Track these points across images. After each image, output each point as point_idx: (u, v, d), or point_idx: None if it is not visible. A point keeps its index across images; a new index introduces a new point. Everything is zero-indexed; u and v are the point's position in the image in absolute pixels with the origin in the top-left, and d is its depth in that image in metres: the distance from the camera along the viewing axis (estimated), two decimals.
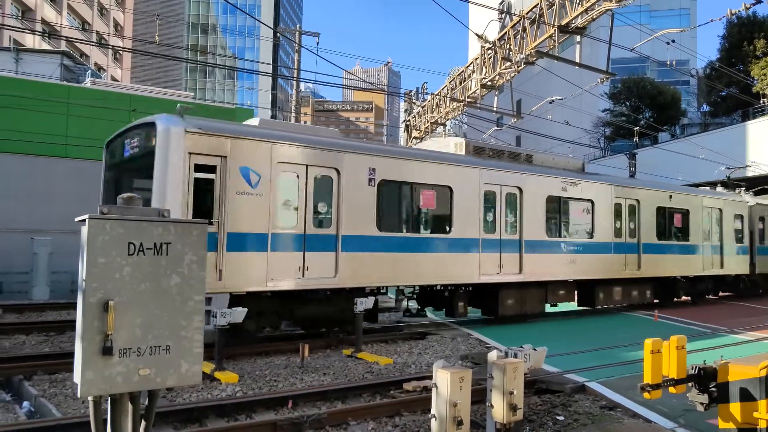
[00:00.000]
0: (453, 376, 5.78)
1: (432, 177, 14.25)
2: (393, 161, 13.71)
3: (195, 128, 10.86)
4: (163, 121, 10.80)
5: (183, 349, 3.83)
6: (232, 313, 10.06)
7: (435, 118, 29.74)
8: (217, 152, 11.06)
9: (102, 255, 3.58)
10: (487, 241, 15.13)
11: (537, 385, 9.32)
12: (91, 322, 3.52)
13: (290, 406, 8.11)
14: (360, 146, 13.68)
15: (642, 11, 61.96)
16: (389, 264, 13.31)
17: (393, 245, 13.43)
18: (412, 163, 14.11)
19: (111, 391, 3.59)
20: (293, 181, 12.05)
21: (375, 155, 13.43)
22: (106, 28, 65.64)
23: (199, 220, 4.05)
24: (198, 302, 3.93)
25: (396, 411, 8.07)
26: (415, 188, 14.07)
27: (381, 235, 13.19)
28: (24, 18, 49.98)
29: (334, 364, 11.07)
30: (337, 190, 12.61)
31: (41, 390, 8.73)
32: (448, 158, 14.95)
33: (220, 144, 11.08)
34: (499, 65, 21.85)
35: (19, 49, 33.35)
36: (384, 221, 13.38)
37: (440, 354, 12.18)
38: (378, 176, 13.26)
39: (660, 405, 7.88)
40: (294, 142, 12.15)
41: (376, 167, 13.24)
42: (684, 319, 17.81)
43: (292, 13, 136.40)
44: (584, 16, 17.76)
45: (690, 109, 60.01)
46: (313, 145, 12.39)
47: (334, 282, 12.43)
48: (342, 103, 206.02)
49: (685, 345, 5.61)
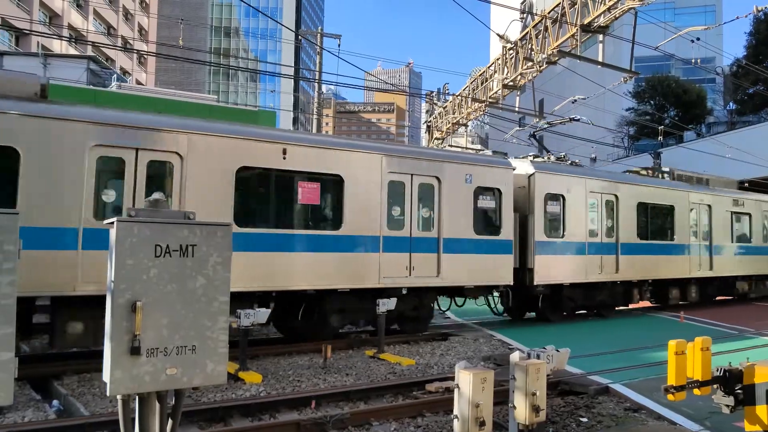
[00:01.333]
0: (475, 377, 5.79)
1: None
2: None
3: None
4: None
5: (208, 349, 3.90)
6: (256, 314, 10.15)
7: (456, 118, 29.69)
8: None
9: (130, 257, 3.66)
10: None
11: (560, 387, 9.28)
12: (120, 323, 3.60)
13: (313, 406, 8.17)
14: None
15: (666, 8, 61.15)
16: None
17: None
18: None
19: (139, 390, 3.67)
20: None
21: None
22: (131, 32, 66.55)
23: (222, 222, 4.12)
24: (223, 303, 4.00)
25: (418, 412, 8.09)
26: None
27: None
28: (51, 24, 50.86)
29: (357, 364, 11.11)
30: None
31: (70, 389, 8.90)
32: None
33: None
34: (521, 65, 21.76)
35: (47, 55, 33.94)
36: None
37: (463, 355, 12.17)
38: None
39: (685, 407, 7.80)
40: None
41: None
42: (710, 320, 17.57)
43: (314, 15, 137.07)
44: (607, 14, 17.62)
45: (716, 108, 59.16)
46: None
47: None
48: (363, 105, 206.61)
49: (710, 346, 5.56)
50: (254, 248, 11.38)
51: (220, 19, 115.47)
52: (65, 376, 9.68)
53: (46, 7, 50.42)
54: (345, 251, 12.56)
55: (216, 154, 11.09)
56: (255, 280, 11.38)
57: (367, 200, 12.87)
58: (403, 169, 13.49)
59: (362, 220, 12.80)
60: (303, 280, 12.00)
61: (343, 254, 12.54)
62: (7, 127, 9.35)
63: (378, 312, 12.08)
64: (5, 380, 3.39)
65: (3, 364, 3.37)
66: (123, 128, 10.30)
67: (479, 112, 28.40)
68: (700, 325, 16.64)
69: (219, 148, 11.14)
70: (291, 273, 11.86)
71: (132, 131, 10.34)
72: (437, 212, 13.96)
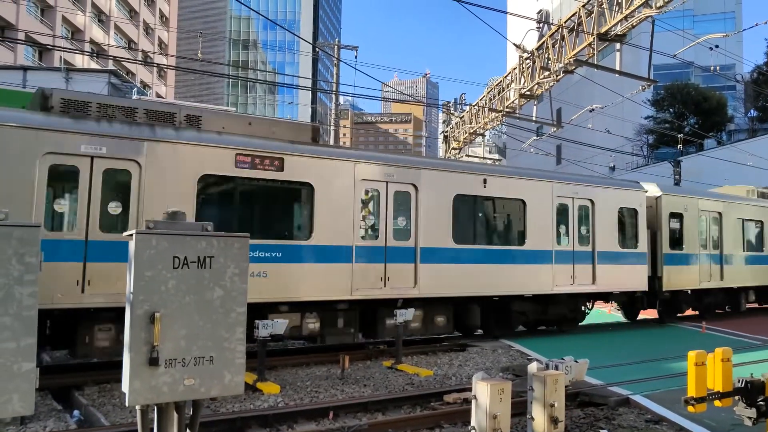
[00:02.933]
0: (492, 388, 5.76)
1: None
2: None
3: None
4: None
5: (226, 360, 3.93)
6: (274, 324, 10.19)
7: (473, 128, 29.65)
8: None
9: (148, 268, 3.71)
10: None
11: (580, 398, 9.18)
12: (138, 333, 3.65)
13: (331, 417, 8.17)
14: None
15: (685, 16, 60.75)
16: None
17: None
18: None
19: (157, 401, 3.71)
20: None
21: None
22: (151, 46, 67.51)
23: (239, 234, 4.16)
24: (240, 314, 4.03)
25: (436, 423, 8.05)
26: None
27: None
28: (73, 38, 51.77)
29: (375, 375, 11.09)
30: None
31: (90, 399, 8.99)
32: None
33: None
34: (538, 74, 21.70)
35: (69, 69, 34.52)
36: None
37: (481, 366, 12.10)
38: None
39: (707, 419, 7.68)
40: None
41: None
42: (732, 330, 17.31)
43: (331, 27, 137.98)
44: (624, 23, 17.53)
45: (737, 115, 58.55)
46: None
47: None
48: (381, 116, 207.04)
49: (731, 357, 5.49)
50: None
51: (239, 32, 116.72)
52: (86, 386, 9.78)
53: (69, 22, 51.35)
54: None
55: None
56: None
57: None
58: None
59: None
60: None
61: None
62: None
63: (396, 322, 12.08)
64: (27, 390, 3.45)
65: (25, 374, 3.42)
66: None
67: (496, 121, 28.35)
68: (721, 335, 16.40)
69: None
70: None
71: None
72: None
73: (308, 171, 12.05)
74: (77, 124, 9.99)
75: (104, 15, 57.69)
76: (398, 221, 13.32)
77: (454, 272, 13.83)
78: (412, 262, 13.26)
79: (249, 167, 11.39)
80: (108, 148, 10.10)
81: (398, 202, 13.36)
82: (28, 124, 9.64)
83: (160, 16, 71.14)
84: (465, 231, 14.31)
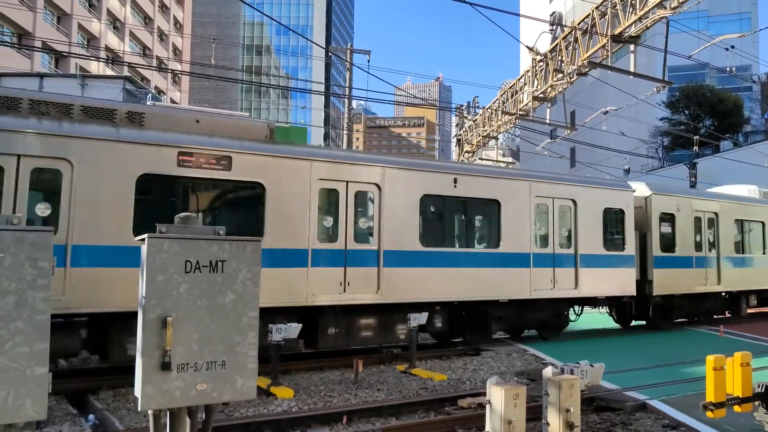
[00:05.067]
0: (507, 392, 5.70)
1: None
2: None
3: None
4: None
5: (238, 365, 3.92)
6: (287, 328, 10.18)
7: (487, 131, 29.58)
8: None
9: (160, 272, 3.70)
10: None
11: (596, 403, 9.09)
12: (151, 338, 3.64)
13: (345, 421, 8.14)
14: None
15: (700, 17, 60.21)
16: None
17: None
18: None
19: (169, 405, 3.70)
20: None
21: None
22: (165, 52, 68.06)
23: (252, 237, 4.15)
24: (252, 318, 4.02)
25: (451, 428, 8.00)
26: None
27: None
28: (89, 45, 52.31)
29: (388, 379, 11.05)
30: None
31: (105, 403, 9.03)
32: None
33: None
34: (551, 77, 21.60)
35: (85, 76, 34.85)
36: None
37: (495, 370, 12.02)
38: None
39: (726, 424, 7.55)
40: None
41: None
42: (752, 334, 17.08)
43: (344, 31, 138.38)
44: (638, 24, 17.42)
45: (753, 116, 57.92)
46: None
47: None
48: (393, 119, 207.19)
49: (750, 362, 5.39)
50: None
51: (252, 37, 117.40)
52: (101, 390, 9.83)
53: (85, 29, 51.92)
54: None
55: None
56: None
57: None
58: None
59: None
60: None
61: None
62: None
63: (409, 327, 12.01)
64: (40, 395, 3.45)
65: (38, 379, 3.42)
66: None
67: (509, 124, 28.25)
68: (740, 339, 16.18)
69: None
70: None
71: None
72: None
73: (259, 170, 11.38)
74: (1, 120, 9.43)
75: (119, 22, 58.28)
76: (360, 223, 12.67)
77: (421, 276, 13.21)
78: (375, 265, 12.66)
79: (193, 166, 10.78)
80: (36, 146, 9.55)
81: (360, 202, 12.71)
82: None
83: (174, 23, 71.71)
84: (434, 233, 13.74)
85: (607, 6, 18.36)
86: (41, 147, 9.58)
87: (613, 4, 18.07)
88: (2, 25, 41.94)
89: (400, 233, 12.96)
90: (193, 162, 10.79)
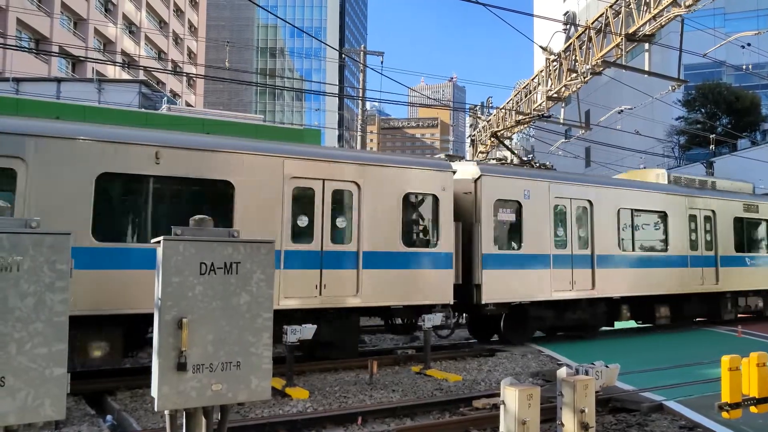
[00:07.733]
0: (521, 393, 5.70)
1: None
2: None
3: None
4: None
5: (253, 365, 3.95)
6: (302, 330, 10.22)
7: (501, 131, 29.49)
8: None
9: (176, 274, 3.75)
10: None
11: (611, 404, 9.05)
12: (167, 339, 3.69)
13: (360, 422, 8.16)
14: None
15: (716, 14, 59.59)
16: None
17: None
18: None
19: (185, 406, 3.75)
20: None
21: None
22: (180, 56, 68.59)
23: (266, 239, 4.18)
24: (266, 319, 4.05)
25: (465, 428, 8.00)
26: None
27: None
28: (105, 50, 52.85)
29: (403, 380, 11.06)
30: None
31: (123, 404, 9.13)
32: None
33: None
34: (565, 77, 21.52)
35: (101, 80, 35.22)
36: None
37: (510, 371, 11.99)
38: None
39: (744, 425, 7.48)
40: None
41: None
42: None
43: (357, 33, 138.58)
44: (652, 23, 17.31)
45: None
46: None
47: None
48: (407, 120, 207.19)
49: (767, 362, 5.35)
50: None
51: (266, 40, 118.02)
52: (119, 391, 9.94)
53: (101, 34, 52.46)
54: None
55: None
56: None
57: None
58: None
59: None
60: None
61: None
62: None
63: (423, 328, 12.02)
64: (58, 395, 3.50)
65: (56, 379, 3.48)
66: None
67: (524, 124, 28.16)
68: (758, 339, 16.01)
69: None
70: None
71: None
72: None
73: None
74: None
75: (135, 26, 58.84)
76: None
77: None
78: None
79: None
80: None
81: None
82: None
83: (189, 27, 72.25)
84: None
85: (621, 5, 18.27)
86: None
87: (627, 2, 17.98)
88: (20, 30, 42.50)
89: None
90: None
